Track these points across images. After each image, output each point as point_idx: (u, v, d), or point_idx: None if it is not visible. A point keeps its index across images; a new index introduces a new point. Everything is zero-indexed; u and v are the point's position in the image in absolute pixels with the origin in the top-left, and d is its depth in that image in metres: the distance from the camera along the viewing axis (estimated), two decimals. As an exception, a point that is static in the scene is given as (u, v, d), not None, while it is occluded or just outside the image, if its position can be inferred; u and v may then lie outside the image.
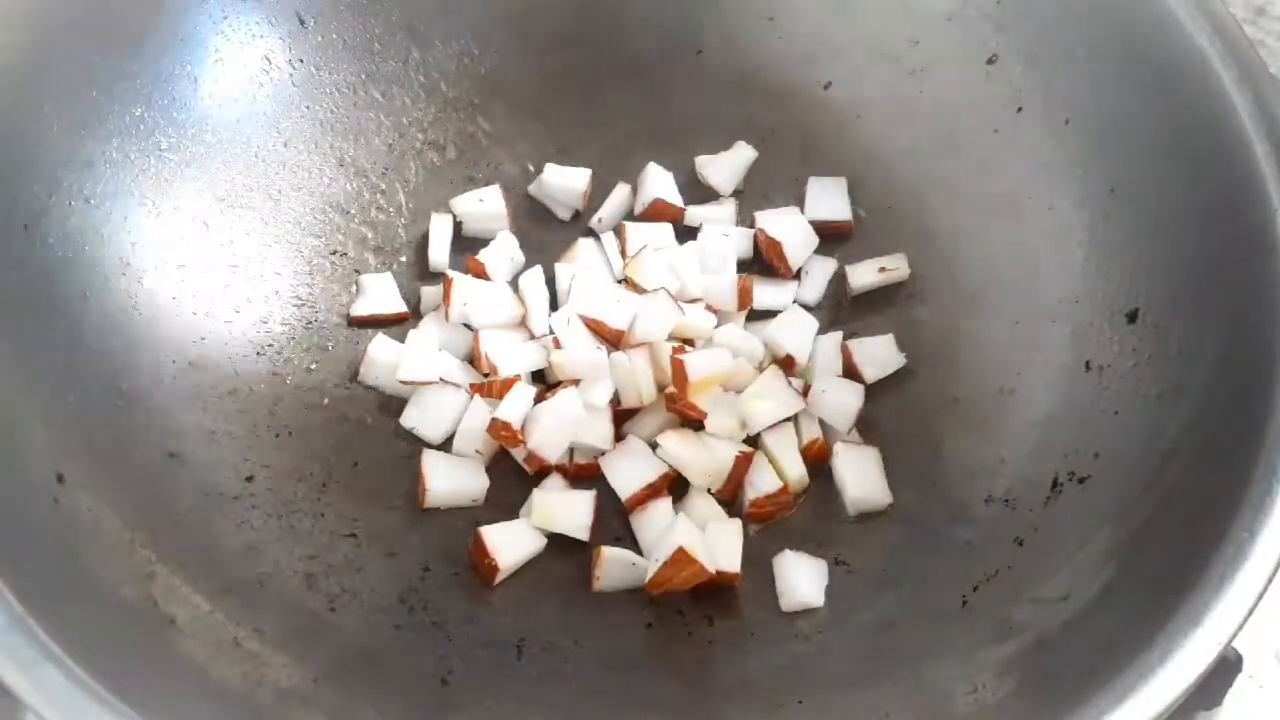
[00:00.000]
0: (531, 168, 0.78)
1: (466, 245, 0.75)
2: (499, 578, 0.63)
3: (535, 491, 0.66)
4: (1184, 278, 0.61)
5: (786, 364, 0.70)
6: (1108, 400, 0.62)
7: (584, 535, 0.65)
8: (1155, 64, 0.64)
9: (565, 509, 0.65)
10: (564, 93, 0.79)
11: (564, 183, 0.76)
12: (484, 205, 0.75)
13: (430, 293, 0.73)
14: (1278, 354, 0.54)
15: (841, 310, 0.74)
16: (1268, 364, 0.54)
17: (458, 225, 0.76)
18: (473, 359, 0.71)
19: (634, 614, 0.63)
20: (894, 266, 0.73)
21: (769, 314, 0.73)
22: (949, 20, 0.73)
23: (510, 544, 0.64)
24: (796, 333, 0.71)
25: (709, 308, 0.71)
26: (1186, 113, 0.62)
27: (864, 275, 0.73)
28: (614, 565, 0.63)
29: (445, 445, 0.68)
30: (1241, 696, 0.62)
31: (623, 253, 0.74)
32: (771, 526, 0.67)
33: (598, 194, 0.77)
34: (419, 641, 0.60)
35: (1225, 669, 0.58)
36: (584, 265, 0.73)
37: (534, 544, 0.65)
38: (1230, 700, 0.61)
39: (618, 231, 0.75)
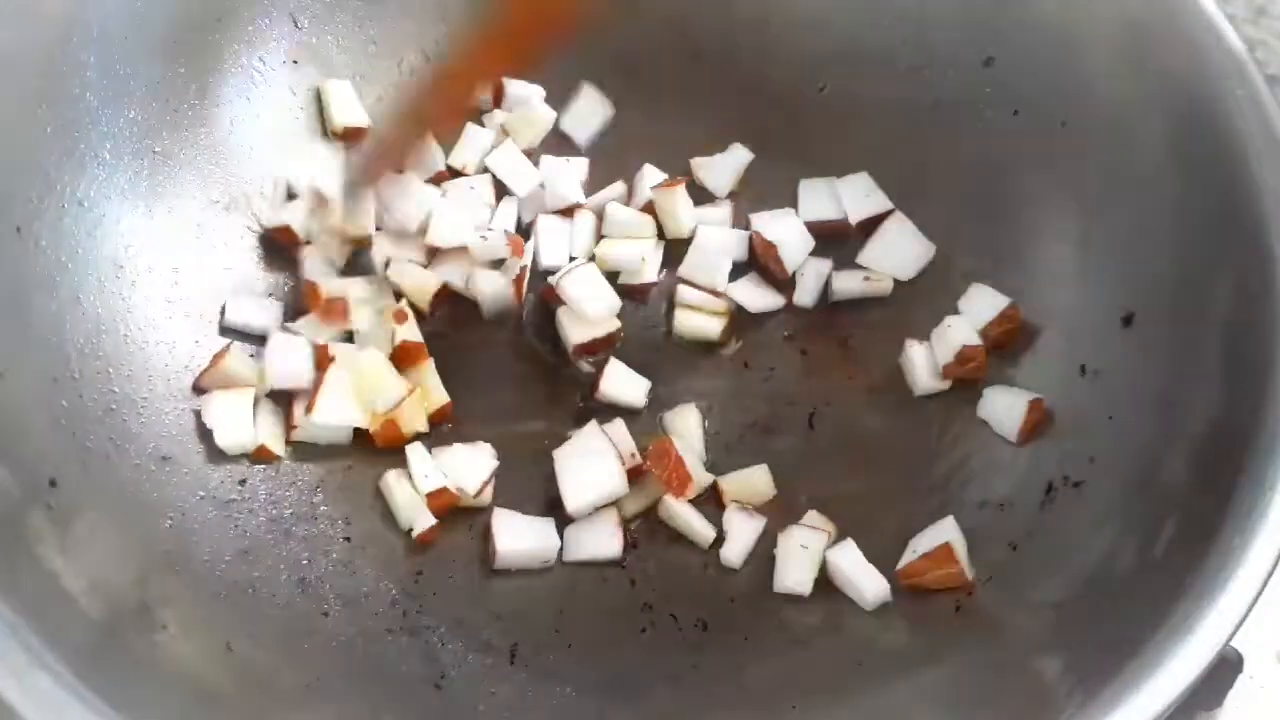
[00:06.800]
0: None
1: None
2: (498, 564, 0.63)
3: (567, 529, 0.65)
4: (1180, 281, 0.61)
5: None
6: (1103, 404, 0.62)
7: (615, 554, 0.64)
8: (1154, 65, 0.64)
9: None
10: (561, 93, 0.79)
11: (561, 174, 0.76)
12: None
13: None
14: (1275, 358, 0.53)
15: (840, 310, 0.74)
16: (1264, 368, 0.54)
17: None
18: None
19: (628, 619, 0.63)
20: (878, 278, 0.73)
21: (762, 316, 0.72)
22: (947, 20, 0.73)
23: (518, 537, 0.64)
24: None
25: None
26: (1184, 114, 0.62)
27: (848, 282, 0.73)
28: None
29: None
30: (1242, 697, 0.62)
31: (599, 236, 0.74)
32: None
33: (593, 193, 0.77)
34: (412, 645, 0.60)
35: (1225, 669, 0.58)
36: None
37: (544, 547, 0.64)
38: (1231, 701, 0.61)
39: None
